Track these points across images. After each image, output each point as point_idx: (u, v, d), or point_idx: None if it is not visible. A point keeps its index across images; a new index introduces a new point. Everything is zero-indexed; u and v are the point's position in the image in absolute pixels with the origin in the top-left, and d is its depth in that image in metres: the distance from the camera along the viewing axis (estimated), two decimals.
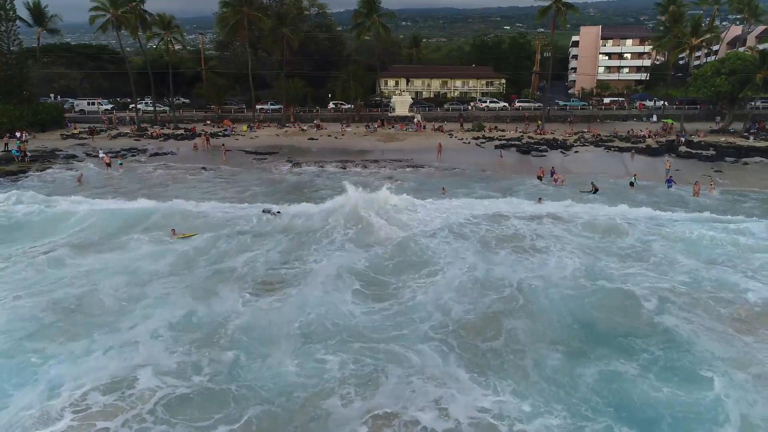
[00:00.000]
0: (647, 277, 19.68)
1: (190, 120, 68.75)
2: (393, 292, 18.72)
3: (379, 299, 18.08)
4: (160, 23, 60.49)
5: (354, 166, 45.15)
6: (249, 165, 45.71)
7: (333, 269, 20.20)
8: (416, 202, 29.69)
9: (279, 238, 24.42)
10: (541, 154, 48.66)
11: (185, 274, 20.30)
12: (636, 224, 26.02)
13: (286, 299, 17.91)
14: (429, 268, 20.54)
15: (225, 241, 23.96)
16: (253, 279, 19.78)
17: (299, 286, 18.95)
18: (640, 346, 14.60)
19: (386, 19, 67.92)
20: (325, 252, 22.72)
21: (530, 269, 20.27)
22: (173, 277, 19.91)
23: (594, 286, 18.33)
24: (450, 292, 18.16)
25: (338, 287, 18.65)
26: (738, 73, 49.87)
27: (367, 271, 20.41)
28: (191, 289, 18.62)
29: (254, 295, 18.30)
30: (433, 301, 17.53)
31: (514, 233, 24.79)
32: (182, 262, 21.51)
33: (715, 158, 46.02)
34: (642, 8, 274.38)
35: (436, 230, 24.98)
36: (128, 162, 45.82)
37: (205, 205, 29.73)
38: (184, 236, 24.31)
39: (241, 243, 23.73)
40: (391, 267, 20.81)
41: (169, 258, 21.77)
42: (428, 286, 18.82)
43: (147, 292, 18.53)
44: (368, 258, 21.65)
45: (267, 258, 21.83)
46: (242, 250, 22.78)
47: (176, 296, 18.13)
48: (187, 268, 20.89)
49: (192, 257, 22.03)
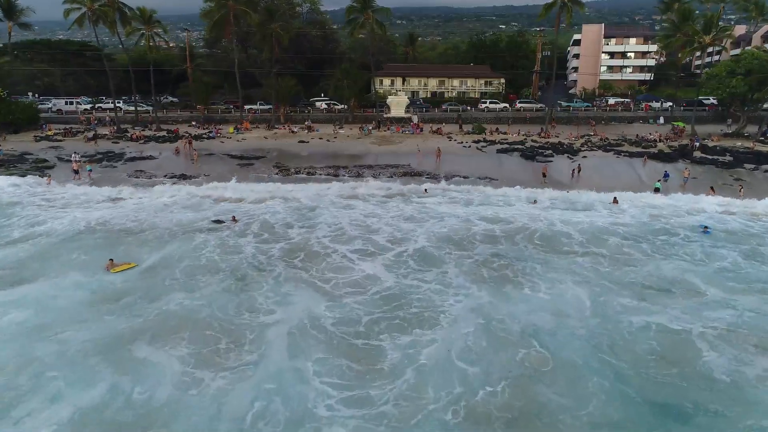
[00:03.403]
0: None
1: (174, 121, 65.16)
2: (378, 359, 14.68)
3: (360, 378, 13.71)
4: (141, 18, 56.71)
5: (346, 173, 41.87)
6: (230, 173, 42.15)
7: (295, 321, 16.70)
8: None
9: (226, 274, 20.98)
10: (547, 160, 45.52)
11: (110, 321, 16.87)
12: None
13: (236, 375, 14.07)
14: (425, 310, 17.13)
15: (167, 272, 20.93)
16: (194, 336, 16.09)
17: (251, 351, 15.15)
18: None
19: (381, 15, 64.47)
20: (283, 294, 19.17)
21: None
22: (92, 328, 16.41)
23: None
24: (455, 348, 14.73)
25: (303, 354, 14.80)
26: (755, 73, 46.87)
27: (345, 325, 16.60)
28: (112, 353, 15.09)
29: (192, 366, 14.48)
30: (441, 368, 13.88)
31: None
32: (109, 306, 18.08)
33: (733, 164, 43.06)
34: (637, 8, 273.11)
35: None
36: (101, 168, 42.30)
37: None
38: (121, 269, 21.27)
39: (184, 278, 20.50)
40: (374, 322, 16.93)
41: (96, 297, 18.59)
42: (427, 344, 15.25)
43: (53, 352, 14.90)
44: (343, 307, 17.80)
45: (213, 308, 18.02)
46: (185, 288, 19.56)
47: (92, 361, 14.53)
48: (115, 313, 17.53)
49: (123, 298, 18.67)
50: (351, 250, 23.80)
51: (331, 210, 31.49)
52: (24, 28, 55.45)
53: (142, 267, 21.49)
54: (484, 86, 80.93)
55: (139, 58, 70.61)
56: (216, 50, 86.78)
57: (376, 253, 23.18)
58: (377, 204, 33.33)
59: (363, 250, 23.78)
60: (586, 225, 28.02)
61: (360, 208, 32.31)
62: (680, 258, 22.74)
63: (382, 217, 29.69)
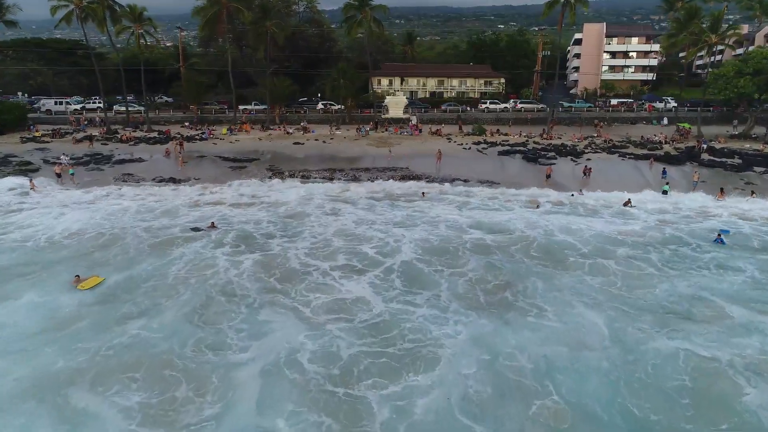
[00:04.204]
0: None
1: (167, 121, 63.56)
2: (363, 416, 12.24)
3: None
4: (130, 15, 55.04)
5: (342, 177, 40.26)
6: (222, 176, 40.53)
7: (269, 358, 14.48)
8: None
9: (195, 295, 18.57)
10: (550, 162, 44.00)
11: (49, 355, 14.54)
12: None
13: None
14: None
15: (128, 294, 18.69)
16: (147, 379, 13.59)
17: (214, 401, 12.77)
18: None
19: (379, 12, 62.99)
20: (257, 322, 16.63)
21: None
22: (30, 363, 14.18)
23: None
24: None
25: (275, 406, 12.55)
26: (765, 73, 45.44)
27: (325, 364, 14.25)
28: (44, 398, 12.79)
29: (139, 422, 12.08)
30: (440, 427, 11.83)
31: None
32: (55, 333, 15.71)
33: (742, 167, 41.62)
34: (636, 8, 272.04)
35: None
36: (87, 171, 40.65)
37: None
38: (89, 285, 19.36)
39: (146, 301, 18.13)
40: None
41: (46, 322, 16.31)
42: (422, 393, 12.97)
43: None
44: (324, 337, 15.48)
45: (173, 342, 15.45)
46: (146, 313, 17.13)
47: (24, 408, 12.38)
48: (58, 343, 15.13)
49: (73, 325, 16.31)
50: (335, 266, 21.53)
51: (318, 215, 29.50)
52: (9, 26, 53.56)
53: (103, 285, 19.43)
54: (484, 86, 79.46)
55: (132, 57, 68.95)
56: (210, 49, 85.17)
57: (362, 270, 20.96)
58: (367, 209, 31.25)
59: (348, 266, 21.52)
60: (591, 234, 26.27)
61: (349, 212, 30.29)
62: (696, 272, 21.12)
63: (373, 224, 27.67)
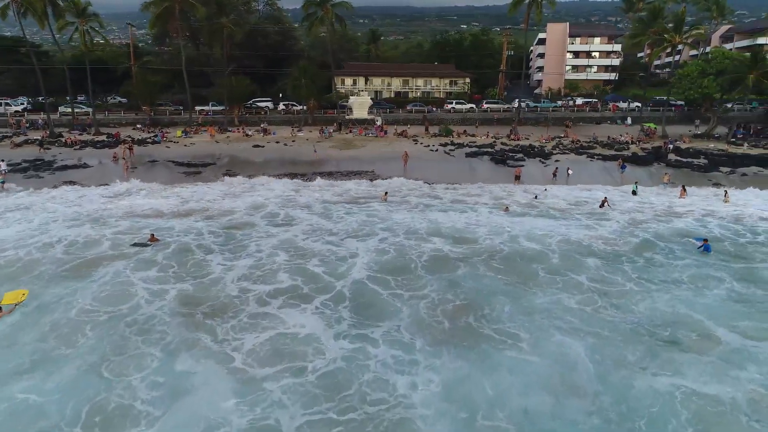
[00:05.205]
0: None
1: (117, 123, 59.90)
2: None
3: None
4: (74, 10, 51.36)
5: (306, 182, 38.01)
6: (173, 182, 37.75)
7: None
8: None
9: (101, 339, 14.94)
10: (518, 164, 42.96)
11: None
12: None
13: None
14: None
15: (22, 334, 15.13)
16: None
17: None
18: None
19: (341, 9, 60.95)
20: (173, 375, 13.31)
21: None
22: None
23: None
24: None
25: None
26: (727, 73, 45.65)
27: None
28: None
29: None
30: None
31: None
32: None
33: (708, 168, 41.56)
34: (593, 9, 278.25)
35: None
36: (25, 179, 37.26)
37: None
38: (10, 301, 16.65)
39: (41, 346, 14.51)
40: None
41: None
42: None
43: None
44: (260, 404, 12.13)
45: (65, 411, 11.84)
46: (37, 365, 13.50)
47: None
48: None
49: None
50: (278, 289, 18.34)
51: (266, 225, 26.72)
52: None
53: (34, 303, 16.65)
54: (449, 86, 78.48)
55: (82, 55, 64.77)
56: (165, 47, 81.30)
57: (308, 297, 17.83)
58: (323, 215, 28.73)
59: (293, 290, 18.29)
60: (559, 239, 24.76)
61: (302, 219, 27.80)
62: (674, 285, 19.65)
63: (328, 233, 25.42)
